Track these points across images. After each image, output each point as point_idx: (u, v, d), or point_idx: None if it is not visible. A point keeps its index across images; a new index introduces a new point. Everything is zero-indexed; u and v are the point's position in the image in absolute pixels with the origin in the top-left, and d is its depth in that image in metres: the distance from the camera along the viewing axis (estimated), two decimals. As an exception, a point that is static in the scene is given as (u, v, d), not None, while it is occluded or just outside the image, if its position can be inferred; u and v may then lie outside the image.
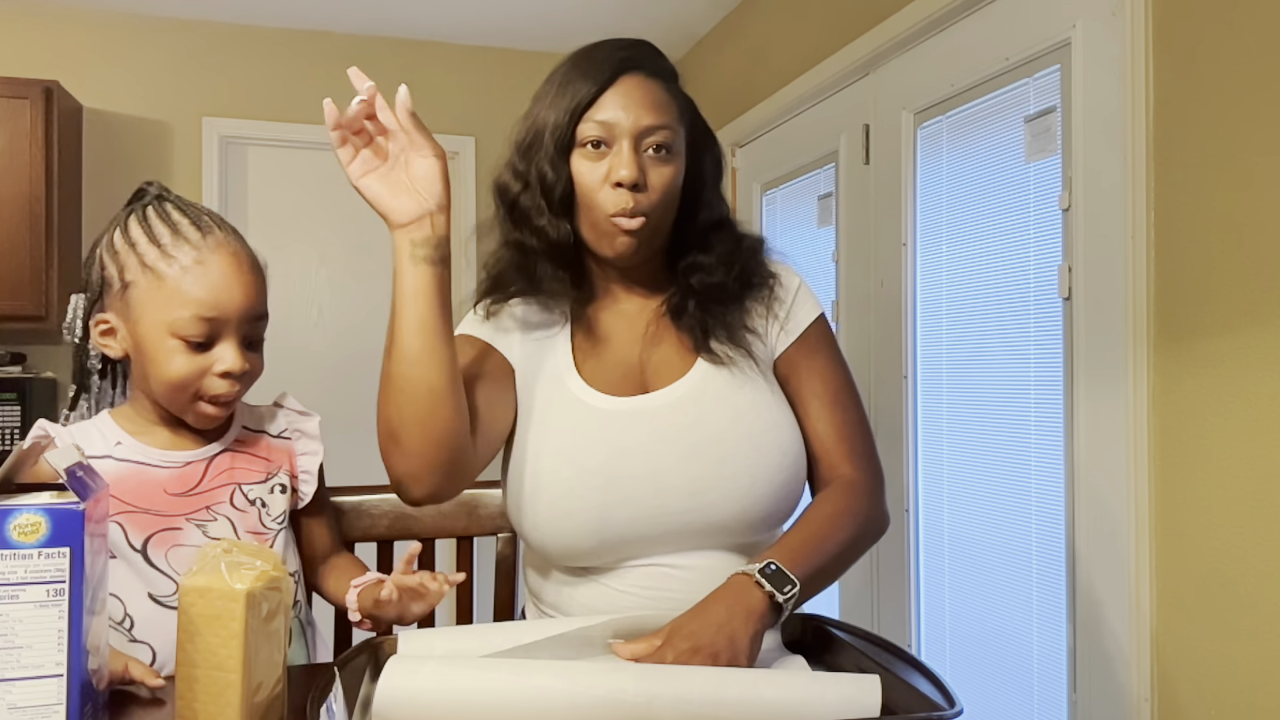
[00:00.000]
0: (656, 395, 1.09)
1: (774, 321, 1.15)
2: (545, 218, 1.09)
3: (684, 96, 1.13)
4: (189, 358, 1.08)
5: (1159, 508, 1.65)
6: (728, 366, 1.09)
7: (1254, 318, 1.48)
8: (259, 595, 0.81)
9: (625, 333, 1.14)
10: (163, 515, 1.09)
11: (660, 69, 1.10)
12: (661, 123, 1.06)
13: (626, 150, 1.04)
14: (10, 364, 3.10)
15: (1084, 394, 1.81)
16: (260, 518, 1.13)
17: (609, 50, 1.08)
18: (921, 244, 2.35)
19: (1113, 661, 1.74)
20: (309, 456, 1.20)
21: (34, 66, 3.26)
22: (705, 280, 1.12)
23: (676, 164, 1.08)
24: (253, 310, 1.11)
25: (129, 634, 1.07)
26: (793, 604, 0.94)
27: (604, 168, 1.05)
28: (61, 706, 0.74)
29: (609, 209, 1.05)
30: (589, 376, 1.11)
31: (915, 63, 2.37)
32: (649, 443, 1.06)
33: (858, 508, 1.07)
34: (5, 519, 0.74)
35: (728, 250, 1.14)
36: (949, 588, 2.25)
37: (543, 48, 3.79)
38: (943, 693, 0.81)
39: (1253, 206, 1.49)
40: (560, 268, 1.11)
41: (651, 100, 1.06)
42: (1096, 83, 1.79)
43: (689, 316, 1.12)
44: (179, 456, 1.12)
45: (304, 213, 3.59)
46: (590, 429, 1.07)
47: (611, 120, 1.05)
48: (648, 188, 1.05)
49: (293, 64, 3.57)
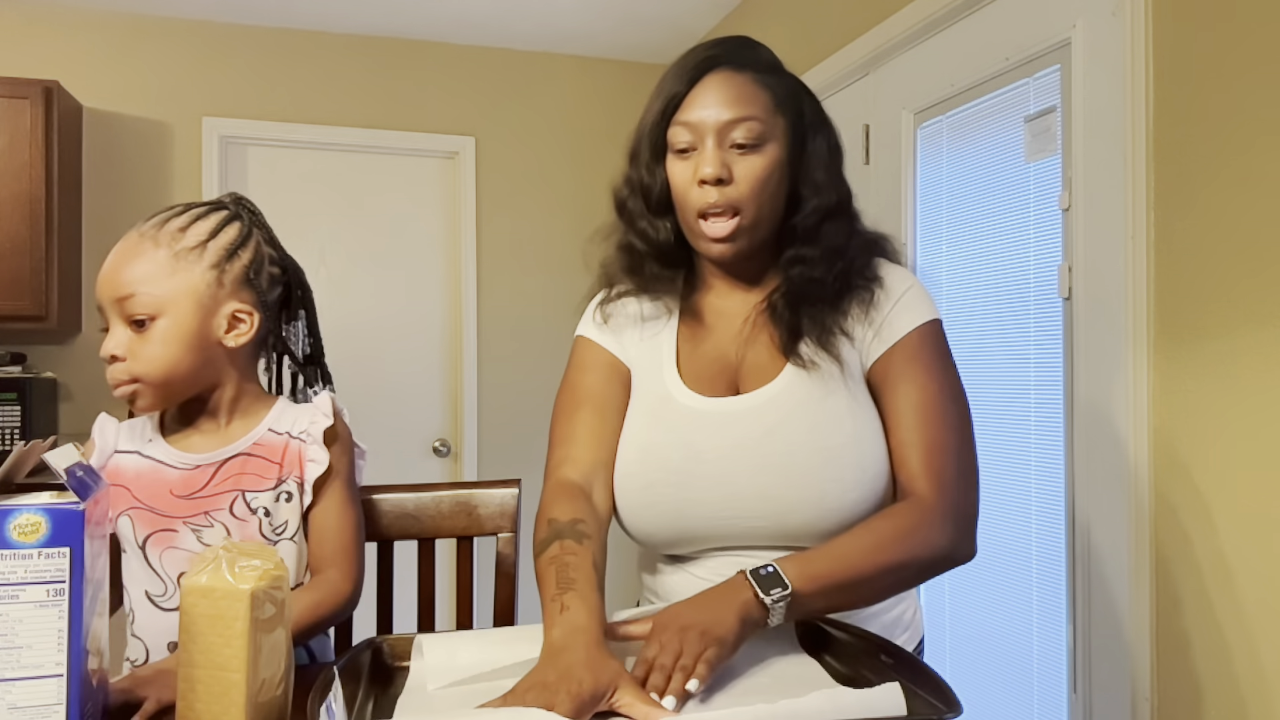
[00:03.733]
0: (740, 400, 1.10)
1: (869, 327, 1.10)
2: (645, 219, 1.14)
3: (785, 85, 1.11)
4: None
5: (1159, 507, 1.65)
6: (813, 373, 1.08)
7: (1254, 318, 1.48)
8: (263, 595, 0.81)
9: (726, 327, 1.15)
10: (163, 515, 1.09)
11: (749, 61, 1.10)
12: (745, 115, 1.06)
13: (710, 147, 1.06)
14: (10, 364, 3.10)
15: (1084, 394, 1.81)
16: (260, 528, 1.11)
17: (697, 51, 1.11)
18: (921, 244, 2.35)
19: (1113, 661, 1.74)
20: (313, 465, 1.15)
21: (34, 66, 3.26)
22: (805, 274, 1.10)
23: (768, 155, 1.07)
24: (115, 290, 1.08)
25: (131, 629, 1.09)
26: (782, 608, 0.92)
27: (692, 167, 1.08)
28: (61, 706, 0.74)
29: (697, 206, 1.08)
30: (686, 371, 1.14)
31: (915, 63, 2.37)
32: (725, 449, 1.08)
33: (913, 529, 1.01)
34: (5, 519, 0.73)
35: (837, 243, 1.11)
36: (949, 588, 2.24)
37: (543, 48, 3.79)
38: (943, 693, 0.81)
39: (1253, 206, 1.49)
40: (666, 266, 1.16)
41: (734, 94, 1.07)
42: (1096, 83, 1.79)
43: (782, 315, 1.11)
44: (192, 458, 1.12)
45: (304, 213, 3.59)
46: (672, 427, 1.11)
47: (695, 120, 1.07)
48: (734, 180, 1.06)
49: (293, 64, 3.57)
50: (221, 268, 1.12)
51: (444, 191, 3.77)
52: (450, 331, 3.76)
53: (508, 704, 0.79)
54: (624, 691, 0.82)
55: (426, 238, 3.74)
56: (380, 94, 3.65)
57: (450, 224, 3.77)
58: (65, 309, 3.12)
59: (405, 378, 3.69)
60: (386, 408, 3.63)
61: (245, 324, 1.14)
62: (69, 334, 3.29)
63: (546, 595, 0.94)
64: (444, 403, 3.74)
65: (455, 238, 3.76)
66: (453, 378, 3.75)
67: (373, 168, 3.68)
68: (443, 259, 3.76)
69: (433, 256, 3.75)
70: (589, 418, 1.14)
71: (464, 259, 3.72)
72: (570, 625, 0.88)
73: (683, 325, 1.18)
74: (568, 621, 0.89)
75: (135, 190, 3.35)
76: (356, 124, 3.62)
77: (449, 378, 3.75)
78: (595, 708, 0.80)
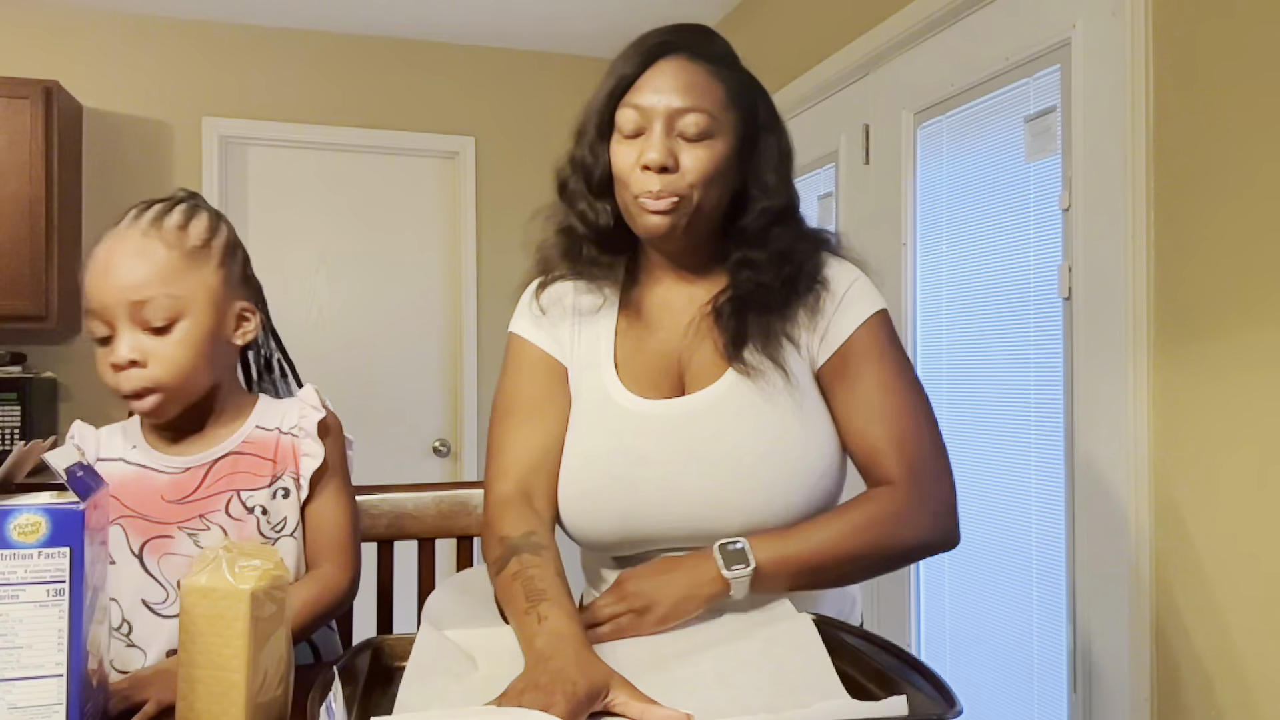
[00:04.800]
0: (682, 402, 1.09)
1: (815, 331, 1.09)
2: (585, 200, 1.12)
3: (739, 81, 1.09)
4: (100, 354, 1.06)
5: (1159, 507, 1.65)
6: (755, 379, 1.06)
7: (1253, 318, 1.48)
8: (262, 595, 0.81)
9: (671, 324, 1.13)
10: (157, 522, 1.08)
11: (705, 51, 1.08)
12: (695, 105, 1.04)
13: (658, 133, 1.04)
14: (10, 364, 3.10)
15: (1084, 394, 1.81)
16: (259, 526, 1.09)
17: (652, 35, 1.08)
18: (921, 244, 2.35)
19: (1113, 661, 1.74)
20: (308, 459, 1.13)
21: (34, 66, 3.26)
22: (753, 279, 1.09)
23: (715, 148, 1.05)
24: (128, 294, 1.03)
25: (126, 639, 1.06)
26: (744, 583, 0.96)
27: (637, 151, 1.05)
28: (61, 706, 0.74)
29: (636, 191, 1.05)
30: (625, 370, 1.12)
31: (915, 63, 2.37)
32: (669, 454, 1.06)
33: (887, 516, 1.02)
34: (5, 519, 0.73)
35: (784, 247, 1.09)
36: (949, 587, 2.25)
37: (543, 48, 3.79)
38: (943, 693, 0.81)
39: (1253, 206, 1.49)
40: (605, 251, 1.13)
41: (686, 82, 1.05)
42: (1096, 83, 1.79)
43: (728, 321, 1.08)
44: (180, 462, 1.10)
45: (304, 213, 3.59)
46: (614, 432, 1.09)
47: (644, 104, 1.05)
48: (679, 170, 1.04)
49: (293, 64, 3.57)
50: (227, 266, 1.11)
51: (444, 191, 3.77)
52: (450, 331, 3.76)
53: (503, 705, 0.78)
54: (618, 691, 0.81)
55: (426, 238, 3.74)
56: (380, 94, 3.65)
57: (450, 224, 3.77)
58: (65, 309, 3.12)
59: (405, 378, 3.69)
60: (386, 408, 3.63)
61: (249, 322, 1.14)
62: (69, 334, 3.29)
63: (517, 610, 0.93)
64: (444, 403, 3.74)
65: (455, 238, 3.76)
66: (453, 378, 3.75)
67: (373, 168, 3.68)
68: (443, 259, 3.76)
69: (433, 257, 3.75)
70: (520, 425, 1.12)
71: (464, 259, 3.72)
72: (553, 633, 0.87)
73: (622, 319, 1.15)
74: (549, 630, 0.88)
75: (135, 190, 3.34)
76: (356, 124, 3.62)
77: (449, 378, 3.75)
78: (590, 708, 0.79)
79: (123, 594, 1.06)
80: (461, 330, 3.72)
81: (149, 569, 1.07)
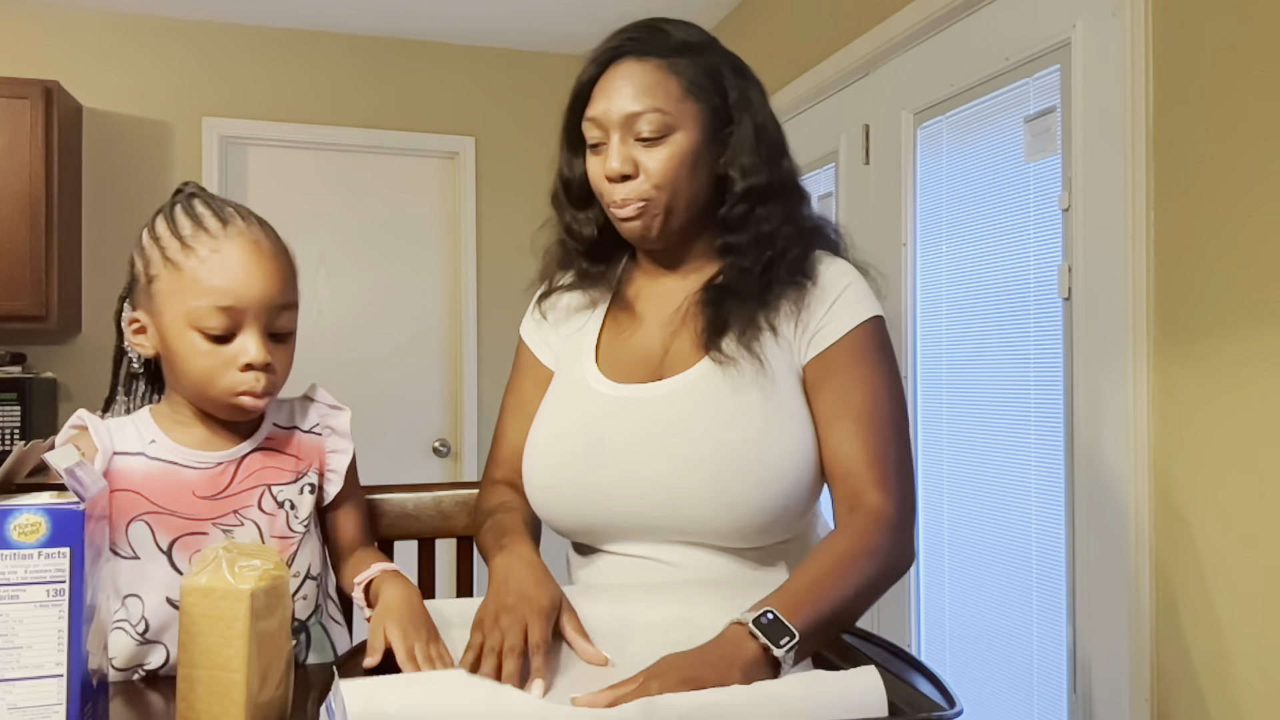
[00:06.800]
0: (651, 387, 1.09)
1: (802, 326, 1.07)
2: (569, 213, 1.16)
3: (699, 66, 1.07)
4: (211, 350, 1.04)
5: (1159, 507, 1.65)
6: (728, 368, 1.04)
7: (1254, 317, 1.48)
8: (262, 595, 0.81)
9: (656, 315, 1.14)
10: (190, 519, 1.06)
11: (655, 46, 1.07)
12: (646, 107, 1.04)
13: (615, 142, 1.06)
14: (10, 364, 3.10)
15: (1084, 394, 1.81)
16: (288, 521, 1.10)
17: (605, 41, 1.09)
18: (921, 244, 2.35)
19: (1113, 661, 1.74)
20: (338, 455, 1.16)
21: (34, 66, 3.26)
22: (735, 264, 1.08)
23: (676, 144, 1.05)
24: (273, 299, 1.06)
25: (141, 637, 1.04)
26: (794, 656, 0.85)
27: (602, 161, 1.07)
28: (61, 706, 0.74)
29: (606, 200, 1.09)
30: (605, 359, 1.14)
31: (915, 63, 2.37)
32: (627, 436, 1.06)
33: (878, 545, 0.97)
34: (5, 519, 0.73)
35: (767, 230, 1.07)
36: (949, 587, 2.25)
37: (543, 48, 3.79)
38: (943, 693, 0.81)
39: (1252, 206, 1.49)
40: (594, 261, 1.17)
41: (636, 86, 1.05)
42: (1096, 83, 1.79)
43: (706, 308, 1.08)
44: (210, 457, 1.09)
45: (304, 213, 3.59)
46: (580, 413, 1.11)
47: (599, 115, 1.07)
48: (641, 174, 1.05)
49: (293, 64, 3.57)
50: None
51: (444, 191, 3.77)
52: (450, 331, 3.76)
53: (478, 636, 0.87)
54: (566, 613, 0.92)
55: (426, 238, 3.74)
56: (380, 94, 3.65)
57: (450, 224, 3.77)
58: (65, 309, 3.12)
59: (405, 378, 3.69)
60: (386, 408, 3.63)
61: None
62: (69, 334, 3.29)
63: (490, 553, 1.04)
64: (444, 403, 3.74)
65: (455, 238, 3.76)
66: (453, 378, 3.75)
67: (373, 168, 3.68)
68: (443, 259, 3.76)
69: (433, 257, 3.75)
70: (515, 420, 1.20)
71: (464, 259, 3.72)
72: (511, 553, 0.99)
73: (610, 314, 1.18)
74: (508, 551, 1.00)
75: (135, 190, 3.35)
76: (356, 124, 3.62)
77: (449, 378, 3.75)
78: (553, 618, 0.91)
79: (147, 591, 1.05)
80: (461, 330, 3.72)
81: (178, 566, 1.05)
